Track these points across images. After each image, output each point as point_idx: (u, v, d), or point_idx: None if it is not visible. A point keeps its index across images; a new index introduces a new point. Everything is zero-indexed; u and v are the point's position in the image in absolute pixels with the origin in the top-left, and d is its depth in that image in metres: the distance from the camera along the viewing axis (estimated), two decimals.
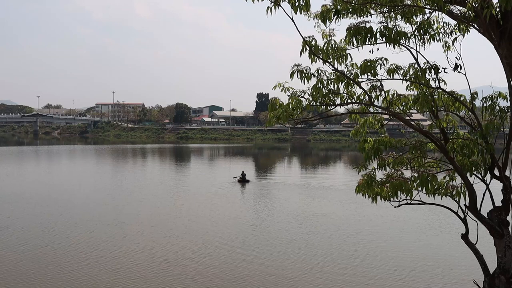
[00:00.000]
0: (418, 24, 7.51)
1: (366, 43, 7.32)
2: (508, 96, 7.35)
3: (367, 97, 7.57)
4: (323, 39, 7.42)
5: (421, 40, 7.53)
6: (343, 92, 7.51)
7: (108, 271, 15.38)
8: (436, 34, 7.62)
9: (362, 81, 7.52)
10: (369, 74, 7.38)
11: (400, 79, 7.70)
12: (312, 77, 7.28)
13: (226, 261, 16.63)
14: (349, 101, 7.61)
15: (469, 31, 7.70)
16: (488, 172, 7.64)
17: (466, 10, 6.94)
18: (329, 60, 7.39)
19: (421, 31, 7.47)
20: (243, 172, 39.64)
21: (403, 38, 7.32)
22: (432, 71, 7.53)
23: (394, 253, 18.19)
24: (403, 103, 7.79)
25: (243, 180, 38.53)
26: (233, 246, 18.66)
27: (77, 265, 15.89)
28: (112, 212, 25.22)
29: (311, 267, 16.25)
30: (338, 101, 7.59)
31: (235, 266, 16.12)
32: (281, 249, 18.44)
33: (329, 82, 7.38)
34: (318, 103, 7.44)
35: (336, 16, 7.15)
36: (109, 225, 21.80)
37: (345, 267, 16.41)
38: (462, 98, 7.77)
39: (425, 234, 21.26)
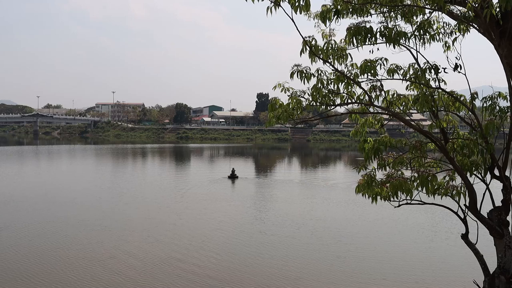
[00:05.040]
0: (418, 24, 7.52)
1: (366, 43, 7.33)
2: (508, 96, 7.36)
3: (367, 97, 7.57)
4: (323, 39, 7.42)
5: (421, 40, 7.54)
6: (343, 92, 7.52)
7: (91, 276, 14.99)
8: (436, 34, 7.63)
9: (362, 81, 7.53)
10: (369, 74, 7.39)
11: (400, 79, 7.71)
12: (312, 77, 7.29)
13: (212, 267, 16.15)
14: (349, 101, 7.62)
15: (469, 31, 7.71)
16: (488, 172, 7.64)
17: (466, 10, 6.94)
18: (329, 60, 7.39)
19: (421, 31, 7.48)
20: (233, 169, 42.33)
21: (403, 38, 7.33)
22: (432, 71, 7.53)
23: (394, 253, 18.18)
24: (403, 103, 7.80)
25: (232, 177, 41.00)
26: (221, 248, 18.38)
27: (60, 269, 15.56)
28: (102, 215, 24.74)
29: (306, 269, 16.24)
30: (338, 101, 7.60)
31: (221, 271, 15.80)
32: (273, 250, 18.34)
33: (329, 82, 7.39)
34: (318, 103, 7.44)
35: (336, 16, 7.16)
36: (93, 230, 21.25)
37: (344, 268, 16.39)
38: (462, 98, 7.77)
39: (425, 234, 21.25)
